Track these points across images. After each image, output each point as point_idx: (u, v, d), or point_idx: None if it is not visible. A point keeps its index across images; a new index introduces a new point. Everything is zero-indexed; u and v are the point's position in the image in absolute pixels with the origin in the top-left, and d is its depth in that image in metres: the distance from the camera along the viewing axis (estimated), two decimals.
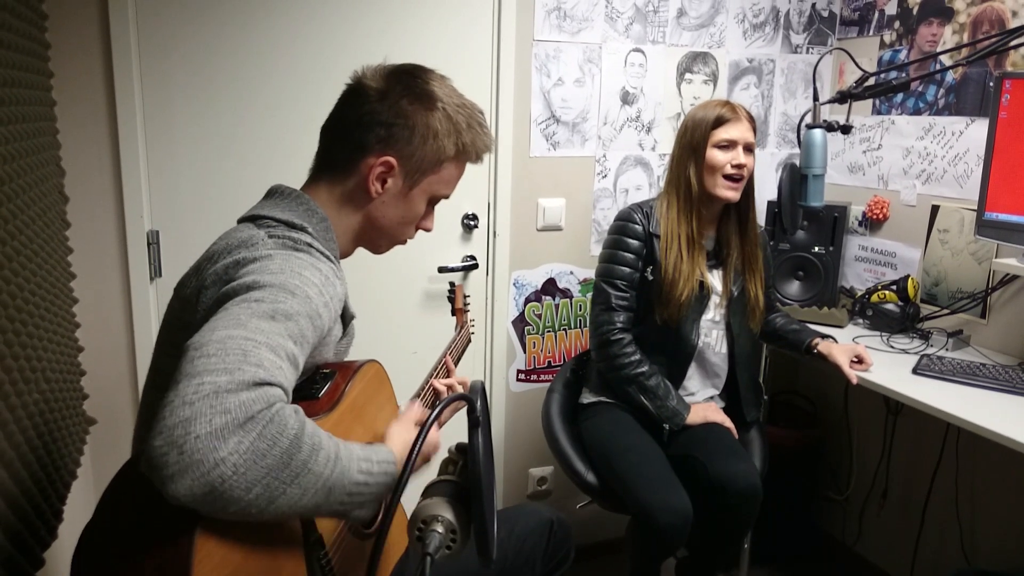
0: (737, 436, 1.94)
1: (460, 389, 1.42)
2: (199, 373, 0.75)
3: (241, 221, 1.10)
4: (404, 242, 1.20)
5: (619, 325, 1.94)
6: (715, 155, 1.87)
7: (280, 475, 0.76)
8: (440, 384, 1.40)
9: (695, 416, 1.93)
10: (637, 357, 1.93)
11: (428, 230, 1.21)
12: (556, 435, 2.05)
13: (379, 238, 1.18)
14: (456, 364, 1.54)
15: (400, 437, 1.05)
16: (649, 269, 1.94)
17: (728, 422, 1.95)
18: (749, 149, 1.89)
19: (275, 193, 1.12)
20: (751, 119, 1.92)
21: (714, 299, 1.96)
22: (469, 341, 1.75)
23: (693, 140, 1.90)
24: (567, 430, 2.07)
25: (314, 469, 0.80)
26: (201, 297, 0.97)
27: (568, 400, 2.16)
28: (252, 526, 0.83)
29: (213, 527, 0.78)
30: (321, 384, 1.04)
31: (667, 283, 1.89)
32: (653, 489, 1.73)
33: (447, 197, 1.19)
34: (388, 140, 1.09)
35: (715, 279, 1.98)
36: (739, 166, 1.86)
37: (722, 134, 1.87)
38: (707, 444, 1.85)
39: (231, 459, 0.72)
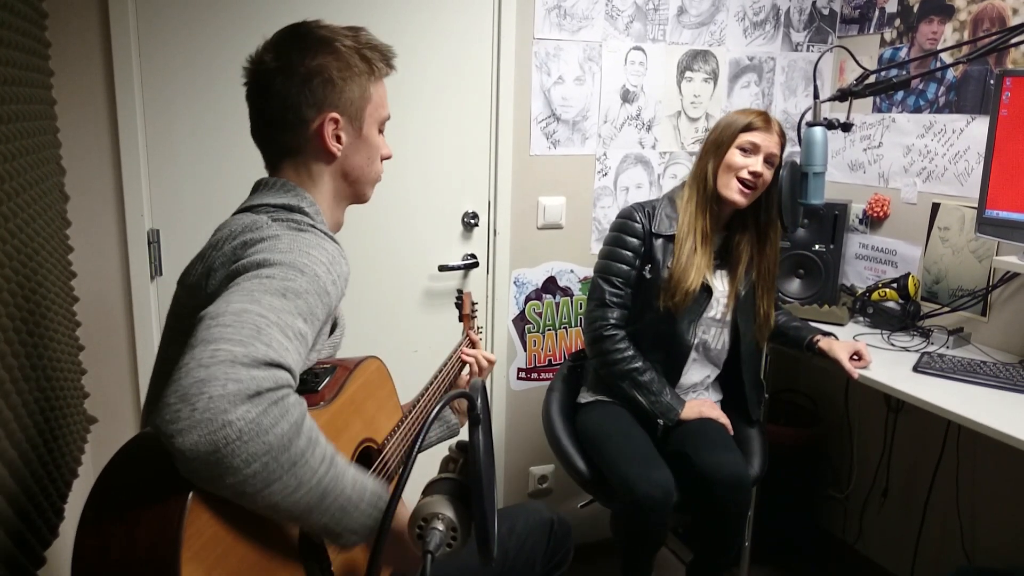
0: (732, 432, 1.94)
1: (484, 361, 1.54)
2: (215, 340, 0.77)
3: (237, 213, 1.10)
4: (379, 178, 1.22)
5: (612, 321, 1.95)
6: (735, 156, 1.88)
7: (279, 457, 0.77)
8: (466, 352, 1.52)
9: (689, 411, 1.93)
10: (631, 352, 1.93)
11: (389, 156, 1.23)
12: (556, 433, 2.05)
13: (358, 186, 1.19)
14: (459, 372, 1.56)
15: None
16: (647, 268, 1.94)
17: (723, 418, 1.95)
18: (771, 162, 1.88)
19: (263, 185, 1.13)
20: (783, 136, 1.91)
21: (715, 298, 1.96)
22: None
23: (721, 138, 1.92)
24: (567, 428, 2.07)
25: (310, 462, 0.81)
26: (210, 280, 0.98)
27: (568, 397, 2.15)
28: (249, 512, 0.83)
29: (207, 501, 0.79)
30: (322, 378, 1.06)
31: (677, 272, 1.89)
32: (634, 464, 1.77)
33: (389, 117, 1.20)
34: (320, 100, 1.09)
35: (718, 279, 1.98)
36: (755, 174, 1.86)
37: (748, 138, 1.87)
38: (696, 438, 1.86)
39: (238, 423, 0.74)
